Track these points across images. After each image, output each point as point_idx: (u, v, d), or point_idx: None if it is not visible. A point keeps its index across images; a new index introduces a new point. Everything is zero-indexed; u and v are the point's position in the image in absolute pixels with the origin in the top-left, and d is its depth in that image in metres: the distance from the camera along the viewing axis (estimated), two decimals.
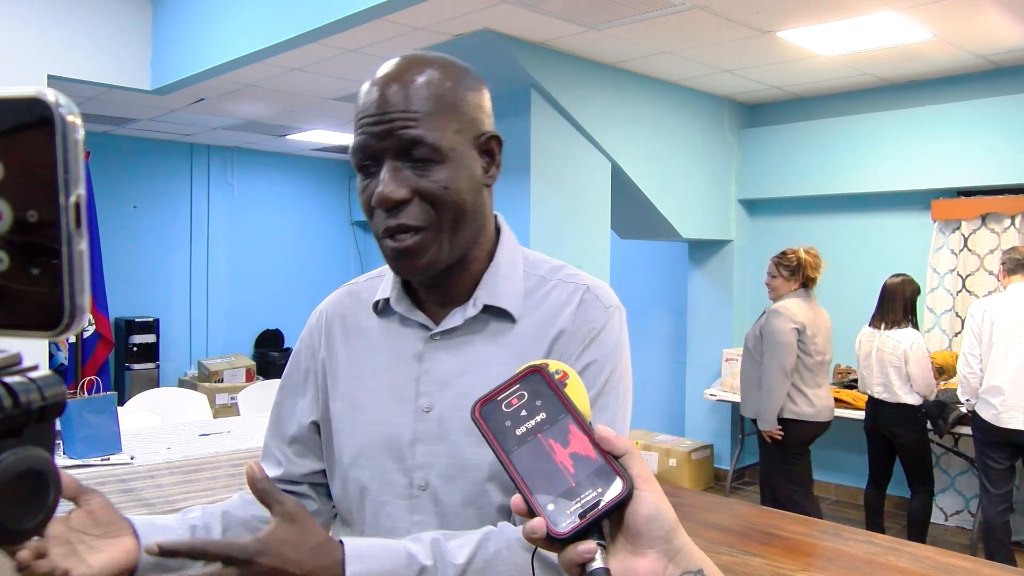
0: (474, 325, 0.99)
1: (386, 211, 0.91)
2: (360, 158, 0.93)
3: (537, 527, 0.54)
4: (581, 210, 4.59)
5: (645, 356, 6.41)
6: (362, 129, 0.92)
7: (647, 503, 0.55)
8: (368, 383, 1.02)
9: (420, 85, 0.92)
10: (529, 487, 0.56)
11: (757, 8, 3.74)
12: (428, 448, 0.97)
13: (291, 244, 8.45)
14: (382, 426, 0.99)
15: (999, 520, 3.80)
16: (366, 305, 1.06)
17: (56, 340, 1.72)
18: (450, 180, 0.91)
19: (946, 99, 4.89)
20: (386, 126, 0.90)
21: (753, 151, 5.72)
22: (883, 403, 4.12)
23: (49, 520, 0.36)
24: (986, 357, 3.76)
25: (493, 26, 3.97)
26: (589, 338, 0.98)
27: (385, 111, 0.91)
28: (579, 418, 0.58)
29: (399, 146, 0.90)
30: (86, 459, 2.82)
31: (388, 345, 1.02)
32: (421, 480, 0.97)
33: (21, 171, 0.34)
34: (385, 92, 0.92)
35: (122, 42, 4.83)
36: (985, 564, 2.38)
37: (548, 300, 1.01)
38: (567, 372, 0.65)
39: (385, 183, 0.90)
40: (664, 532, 0.55)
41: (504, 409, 0.59)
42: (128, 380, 6.91)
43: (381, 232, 0.93)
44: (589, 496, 0.55)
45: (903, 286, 4.10)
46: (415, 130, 0.90)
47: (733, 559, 2.21)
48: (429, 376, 0.98)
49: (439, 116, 0.91)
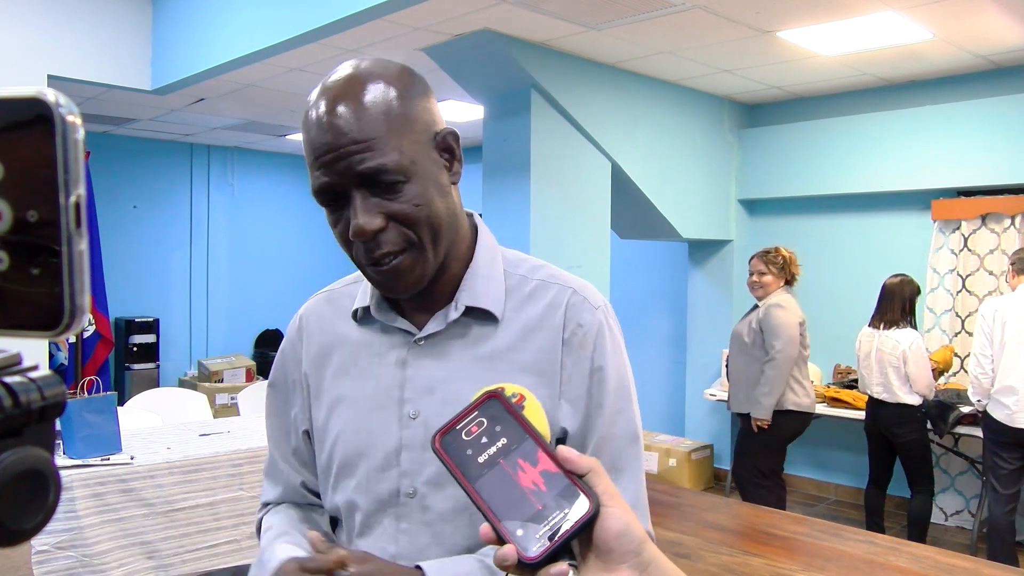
0: (457, 328, 0.98)
1: (363, 242, 0.89)
2: (325, 199, 0.90)
3: (508, 554, 0.53)
4: (581, 210, 4.59)
5: (645, 356, 6.41)
6: (320, 169, 0.88)
7: (615, 519, 0.55)
8: (352, 391, 1.01)
9: (366, 107, 0.87)
10: (496, 514, 0.55)
11: (757, 8, 3.74)
12: (414, 455, 0.96)
13: (291, 244, 8.45)
14: (368, 434, 0.98)
15: (1005, 520, 3.79)
16: (345, 312, 1.05)
17: (56, 340, 1.72)
18: (419, 196, 0.89)
19: (946, 99, 4.89)
20: (344, 162, 0.86)
21: (753, 151, 5.72)
22: (883, 403, 4.12)
23: (49, 520, 0.36)
24: (997, 357, 3.76)
25: (493, 26, 3.97)
26: (588, 344, 0.97)
27: (339, 145, 0.86)
28: (540, 440, 0.58)
29: (362, 178, 0.87)
30: (86, 459, 2.82)
31: (370, 352, 1.01)
32: (408, 487, 0.96)
33: (21, 171, 0.34)
34: (334, 123, 0.87)
35: (122, 42, 4.83)
36: (985, 564, 2.38)
37: (532, 301, 0.99)
38: (524, 395, 0.65)
39: (358, 215, 0.87)
40: (634, 546, 0.55)
41: (464, 438, 0.59)
42: (128, 380, 6.91)
43: (365, 262, 0.92)
44: (556, 517, 0.54)
45: (902, 286, 4.12)
46: (374, 160, 0.86)
47: (733, 559, 2.21)
48: (414, 382, 0.97)
49: (393, 135, 0.88)
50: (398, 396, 0.98)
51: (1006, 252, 4.67)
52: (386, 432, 0.97)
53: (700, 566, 2.16)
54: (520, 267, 1.02)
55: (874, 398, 4.18)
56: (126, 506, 2.81)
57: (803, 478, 5.63)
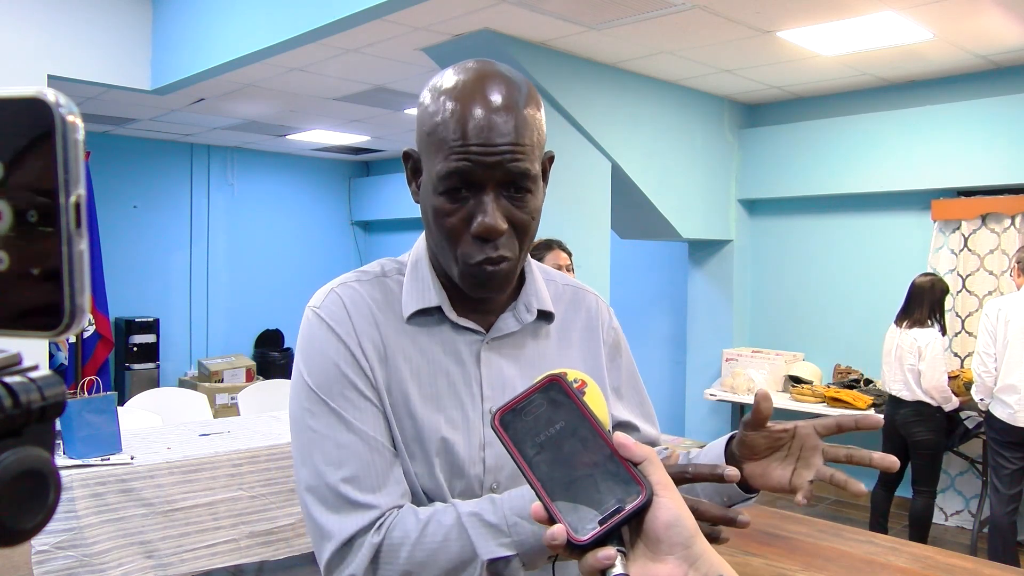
0: (526, 328, 1.04)
1: (483, 240, 0.91)
2: (456, 183, 0.90)
3: (557, 534, 0.54)
4: (581, 210, 4.59)
5: (645, 356, 6.41)
6: (463, 154, 0.89)
7: (667, 510, 0.55)
8: (432, 390, 0.98)
9: (527, 116, 0.92)
10: (549, 494, 0.56)
11: (757, 8, 3.74)
12: (496, 451, 0.98)
13: (291, 244, 8.46)
14: (453, 431, 0.97)
15: (1007, 520, 3.79)
16: (396, 310, 1.00)
17: (56, 340, 1.72)
18: (536, 210, 0.95)
19: (946, 99, 4.89)
20: (496, 158, 0.89)
21: (753, 151, 5.72)
22: (902, 401, 4.12)
23: (49, 520, 0.36)
24: (1001, 356, 3.76)
25: (493, 26, 3.97)
26: (618, 344, 1.14)
27: (495, 141, 0.89)
28: (598, 426, 0.59)
29: (506, 178, 0.91)
30: (86, 459, 2.82)
31: (445, 350, 0.99)
32: (492, 482, 0.98)
33: (21, 171, 0.34)
34: (494, 119, 0.89)
35: (122, 42, 4.83)
36: (985, 564, 2.38)
37: (574, 307, 1.11)
38: (585, 381, 0.66)
39: (490, 214, 0.90)
40: (684, 539, 0.55)
41: (524, 418, 0.60)
42: (128, 380, 6.92)
43: (475, 261, 0.92)
44: (609, 503, 0.55)
45: (932, 286, 4.10)
46: (523, 163, 0.90)
47: (733, 559, 2.21)
48: (490, 379, 1.00)
49: (537, 148, 0.93)
50: (478, 393, 0.99)
51: (1006, 252, 4.67)
52: (472, 429, 0.98)
53: None
54: (547, 273, 1.11)
55: (893, 396, 4.18)
56: (126, 506, 2.81)
57: None
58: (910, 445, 4.15)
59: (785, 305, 5.71)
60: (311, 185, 8.73)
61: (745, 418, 0.97)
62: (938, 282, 4.12)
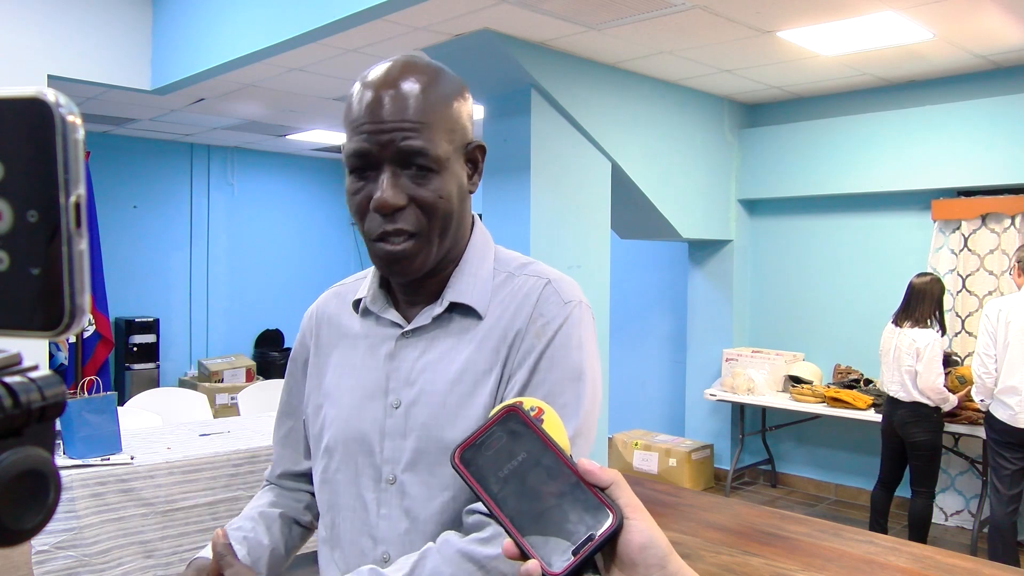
0: (441, 323, 1.02)
1: (383, 215, 0.94)
2: (356, 162, 0.95)
3: (532, 569, 0.53)
4: (581, 210, 4.59)
5: (645, 356, 6.41)
6: (363, 134, 0.94)
7: (639, 532, 0.55)
8: (346, 381, 1.06)
9: (419, 94, 0.94)
10: (519, 529, 0.55)
11: (757, 8, 3.74)
12: (395, 443, 1.00)
13: (291, 244, 8.45)
14: (357, 421, 1.03)
15: (1008, 521, 3.79)
16: (349, 305, 1.11)
17: (56, 340, 1.72)
18: (443, 189, 0.95)
19: (946, 99, 4.89)
20: (388, 136, 0.93)
21: (753, 151, 5.72)
22: (899, 402, 4.12)
23: (49, 520, 0.36)
24: (1001, 357, 3.76)
25: (493, 26, 3.97)
26: (545, 335, 0.97)
27: (386, 119, 0.93)
28: (560, 454, 0.58)
29: (399, 155, 0.93)
30: (86, 459, 2.82)
31: (366, 344, 1.06)
32: (389, 474, 1.00)
33: (21, 171, 0.34)
34: (384, 99, 0.93)
35: (122, 42, 4.83)
36: (985, 564, 2.38)
37: (511, 294, 1.02)
38: (542, 408, 0.65)
39: (385, 190, 0.93)
40: (659, 559, 0.55)
41: (485, 452, 0.59)
42: (128, 380, 6.91)
43: (376, 235, 0.96)
44: (580, 532, 0.54)
45: (932, 286, 4.10)
46: (416, 141, 0.93)
47: (733, 559, 2.21)
48: (398, 373, 1.02)
49: (436, 127, 0.94)
50: (384, 386, 1.02)
51: (1006, 252, 4.67)
52: (372, 420, 1.02)
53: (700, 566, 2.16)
54: (510, 264, 1.06)
55: (891, 397, 4.18)
56: (126, 506, 2.81)
57: (803, 478, 5.63)
58: (908, 446, 4.15)
59: (785, 305, 5.71)
60: (311, 185, 8.72)
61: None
62: (936, 281, 4.12)
